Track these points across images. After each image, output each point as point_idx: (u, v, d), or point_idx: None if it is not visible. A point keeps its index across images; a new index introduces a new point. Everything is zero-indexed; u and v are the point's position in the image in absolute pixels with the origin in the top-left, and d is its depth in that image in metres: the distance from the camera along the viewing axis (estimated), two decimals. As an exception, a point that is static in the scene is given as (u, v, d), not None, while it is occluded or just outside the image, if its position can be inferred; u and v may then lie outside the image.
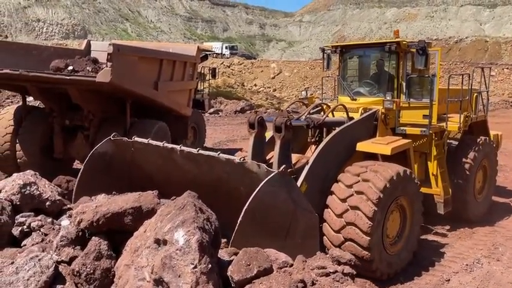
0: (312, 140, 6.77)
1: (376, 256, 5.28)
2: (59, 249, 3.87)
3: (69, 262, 3.74)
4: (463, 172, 7.57)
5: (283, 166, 4.36)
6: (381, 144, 6.23)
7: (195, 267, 2.70)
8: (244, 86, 36.50)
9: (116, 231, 3.79)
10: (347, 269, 2.94)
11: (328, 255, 3.08)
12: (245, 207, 3.91)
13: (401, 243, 5.90)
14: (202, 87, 14.39)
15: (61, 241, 3.89)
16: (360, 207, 5.19)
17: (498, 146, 9.22)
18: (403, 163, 6.24)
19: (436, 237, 7.20)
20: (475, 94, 8.50)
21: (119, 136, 5.86)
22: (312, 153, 6.05)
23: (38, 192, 5.24)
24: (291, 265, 3.16)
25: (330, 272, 2.87)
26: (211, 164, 4.96)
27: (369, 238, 5.12)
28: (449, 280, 5.71)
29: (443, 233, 7.43)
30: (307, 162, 5.66)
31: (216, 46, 53.74)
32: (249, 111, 24.98)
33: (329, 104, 7.67)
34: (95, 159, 5.70)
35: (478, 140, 7.96)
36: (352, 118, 6.74)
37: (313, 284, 2.78)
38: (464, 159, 7.61)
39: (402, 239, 5.92)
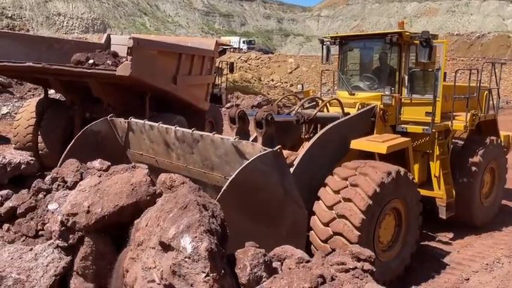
0: (306, 136, 6.32)
1: None
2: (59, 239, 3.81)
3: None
4: (468, 174, 7.10)
5: (278, 147, 4.15)
6: (377, 142, 5.82)
7: (207, 275, 2.62)
8: (261, 80, 36.41)
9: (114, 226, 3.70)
10: (367, 266, 2.91)
11: (347, 251, 3.06)
12: (231, 177, 3.78)
13: (397, 248, 5.51)
14: (219, 82, 14.41)
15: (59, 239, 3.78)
16: (347, 216, 4.81)
17: (509, 147, 8.70)
18: (402, 163, 5.90)
19: (455, 235, 7.09)
20: (485, 92, 8.06)
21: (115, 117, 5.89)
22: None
23: (7, 160, 5.21)
24: (307, 261, 3.13)
25: (350, 268, 2.85)
26: (206, 144, 4.89)
27: None
28: (468, 279, 5.64)
29: (463, 230, 7.30)
30: (295, 160, 5.29)
31: (234, 40, 53.71)
32: (265, 106, 24.88)
33: (323, 99, 7.30)
34: (87, 135, 5.63)
35: (486, 140, 7.48)
36: (348, 114, 6.38)
37: (332, 279, 2.77)
38: (470, 161, 7.15)
39: (397, 244, 5.53)
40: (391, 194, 5.16)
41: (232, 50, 43.86)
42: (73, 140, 5.57)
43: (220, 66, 14.59)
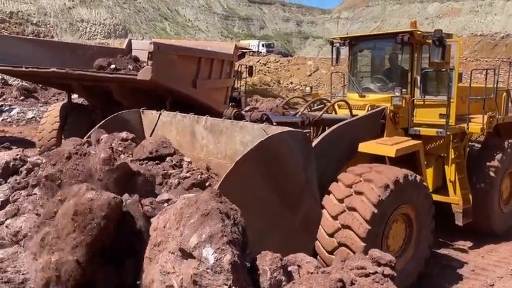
0: (312, 139, 6.16)
1: None
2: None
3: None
4: (487, 179, 6.82)
5: (307, 131, 4.12)
6: (386, 145, 5.56)
7: (230, 287, 2.59)
8: (280, 83, 36.39)
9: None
10: (387, 270, 2.87)
11: (368, 255, 3.03)
12: (262, 139, 3.70)
13: (408, 255, 5.26)
14: (239, 85, 14.48)
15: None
16: (352, 227, 4.57)
17: None
18: (413, 167, 5.66)
19: (477, 242, 6.91)
20: (503, 93, 7.74)
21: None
22: None
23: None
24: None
25: (370, 273, 2.81)
26: (233, 132, 4.87)
27: None
28: (493, 285, 5.52)
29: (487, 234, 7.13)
30: None
31: (253, 44, 53.88)
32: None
33: (330, 100, 7.13)
34: (117, 121, 5.64)
35: (505, 143, 7.17)
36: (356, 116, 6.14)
37: (352, 284, 2.74)
38: (487, 165, 6.87)
39: (409, 251, 5.27)
40: (399, 200, 4.91)
41: (251, 53, 43.98)
42: (103, 121, 5.61)
43: (239, 69, 14.66)
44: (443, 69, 6.40)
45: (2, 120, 17.41)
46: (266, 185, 3.75)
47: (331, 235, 4.70)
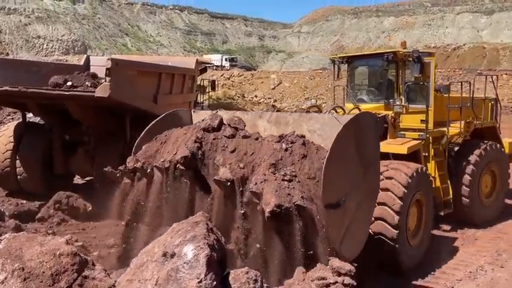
0: None
1: (402, 249, 5.76)
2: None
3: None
4: (464, 175, 7.72)
5: (382, 115, 5.00)
6: (397, 145, 6.75)
7: (200, 281, 2.71)
8: (244, 97, 36.59)
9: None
10: (347, 280, 2.91)
11: (328, 266, 3.05)
12: (353, 116, 4.33)
13: (420, 236, 6.36)
14: (202, 100, 14.43)
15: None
16: (387, 203, 5.67)
17: None
18: (414, 162, 6.55)
19: (439, 244, 7.16)
20: (490, 102, 8.86)
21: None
22: None
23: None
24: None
25: (330, 283, 2.84)
26: (301, 122, 5.09)
27: (396, 231, 5.62)
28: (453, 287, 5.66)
29: (447, 238, 7.38)
30: None
31: (216, 58, 54.07)
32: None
33: (343, 108, 7.93)
34: (171, 116, 5.80)
35: (483, 143, 8.07)
36: None
37: (313, 295, 2.75)
38: (465, 162, 7.79)
39: (420, 232, 6.40)
40: (416, 187, 6.07)
41: (214, 67, 44.09)
42: (158, 118, 5.70)
43: (202, 84, 14.63)
44: (422, 82, 7.56)
45: (-48, 142, 16.54)
46: (355, 150, 4.30)
47: None
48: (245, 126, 5.00)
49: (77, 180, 10.09)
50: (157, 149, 4.89)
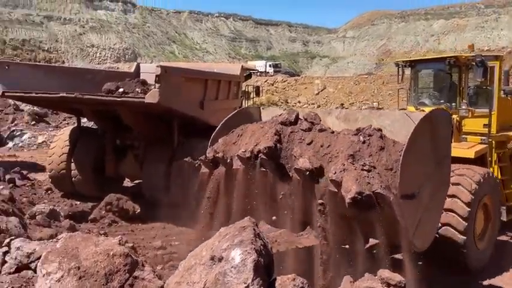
0: None
1: (469, 253, 5.83)
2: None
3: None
4: None
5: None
6: (463, 149, 6.71)
7: (247, 286, 2.76)
8: (288, 103, 36.62)
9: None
10: (397, 291, 2.82)
11: (377, 276, 2.97)
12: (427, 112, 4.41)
13: (487, 238, 6.39)
14: (246, 105, 14.55)
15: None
16: (454, 209, 5.70)
17: None
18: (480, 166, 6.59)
19: (504, 247, 7.07)
20: None
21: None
22: None
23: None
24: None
25: (380, 294, 2.77)
26: (371, 118, 5.14)
27: (464, 237, 5.65)
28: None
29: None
30: None
31: (260, 64, 54.44)
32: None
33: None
34: (242, 113, 5.95)
35: None
36: None
37: (361, 306, 2.69)
38: None
39: (487, 235, 6.42)
40: (483, 192, 6.06)
41: (258, 73, 44.38)
42: (231, 114, 5.83)
43: (246, 90, 14.77)
44: (486, 86, 7.51)
45: (14, 145, 17.63)
46: (430, 144, 4.37)
47: None
48: (320, 121, 5.06)
49: (127, 183, 10.45)
50: (235, 141, 5.02)
